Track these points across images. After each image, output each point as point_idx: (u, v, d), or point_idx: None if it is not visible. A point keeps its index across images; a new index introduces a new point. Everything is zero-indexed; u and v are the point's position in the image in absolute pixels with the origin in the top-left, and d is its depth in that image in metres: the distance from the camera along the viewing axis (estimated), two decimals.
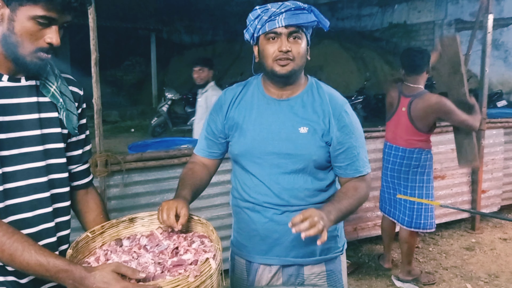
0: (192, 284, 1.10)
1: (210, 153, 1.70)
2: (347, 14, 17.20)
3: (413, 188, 3.30)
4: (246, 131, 1.59)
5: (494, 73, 12.08)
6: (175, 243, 1.37)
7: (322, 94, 1.60)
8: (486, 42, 4.20)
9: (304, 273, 1.64)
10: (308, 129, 1.54)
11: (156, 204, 3.10)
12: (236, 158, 1.64)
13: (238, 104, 1.62)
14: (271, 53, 1.50)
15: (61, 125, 1.29)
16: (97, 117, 2.81)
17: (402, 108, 3.25)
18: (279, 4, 1.47)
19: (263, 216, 1.60)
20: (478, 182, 4.44)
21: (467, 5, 13.46)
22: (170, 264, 1.24)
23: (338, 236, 1.69)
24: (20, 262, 1.08)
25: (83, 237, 1.32)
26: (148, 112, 12.86)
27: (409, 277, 3.45)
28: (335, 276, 1.67)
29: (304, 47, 1.52)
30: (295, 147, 1.53)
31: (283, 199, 1.57)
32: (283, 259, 1.63)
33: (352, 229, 3.98)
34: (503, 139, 4.66)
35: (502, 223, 4.61)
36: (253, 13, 1.52)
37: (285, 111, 1.56)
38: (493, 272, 3.61)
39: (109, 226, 1.42)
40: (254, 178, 1.60)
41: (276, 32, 1.48)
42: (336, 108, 1.57)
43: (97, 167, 2.86)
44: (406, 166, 3.27)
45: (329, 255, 1.66)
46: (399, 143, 3.30)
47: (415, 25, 14.92)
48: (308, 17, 1.48)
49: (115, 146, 8.61)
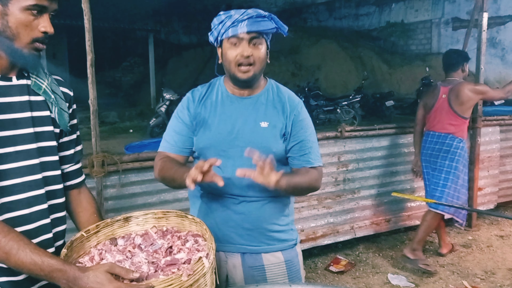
0: (185, 283, 1.10)
1: (181, 149, 1.74)
2: (345, 13, 17.22)
3: (441, 172, 3.58)
4: (211, 125, 1.69)
5: (491, 71, 12.12)
6: (169, 242, 1.38)
7: (281, 94, 1.75)
8: (481, 40, 4.22)
9: (264, 263, 1.73)
10: (268, 123, 1.67)
11: (152, 204, 3.11)
12: (201, 151, 1.73)
13: (204, 102, 1.74)
14: (233, 57, 1.61)
15: (53, 123, 1.30)
16: (93, 118, 2.82)
17: (443, 95, 3.61)
18: (242, 12, 1.58)
19: (221, 205, 1.70)
20: (475, 180, 4.45)
21: (464, 3, 13.49)
22: (164, 263, 1.25)
23: (291, 229, 1.81)
24: (15, 261, 1.09)
25: (77, 237, 1.33)
26: (147, 112, 12.87)
27: (412, 255, 3.58)
28: (292, 266, 1.77)
29: (264, 52, 1.64)
30: (257, 140, 1.65)
31: (242, 190, 1.67)
32: (238, 247, 1.72)
33: (349, 227, 4.00)
34: (499, 136, 4.68)
35: (499, 220, 4.63)
36: (218, 18, 1.63)
37: (247, 107, 1.70)
38: (489, 269, 3.63)
39: (104, 225, 1.43)
40: (217, 169, 1.66)
41: (238, 37, 1.59)
42: (293, 106, 1.72)
43: (93, 167, 2.87)
44: (437, 150, 3.59)
45: (285, 244, 1.77)
46: (436, 128, 3.62)
47: (412, 23, 14.96)
48: (268, 24, 1.59)
49: (113, 147, 8.61)
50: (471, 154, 4.44)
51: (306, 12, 18.65)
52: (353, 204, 3.99)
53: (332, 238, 3.92)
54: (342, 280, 3.52)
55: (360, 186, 3.98)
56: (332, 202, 3.89)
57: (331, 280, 3.52)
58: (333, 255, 3.90)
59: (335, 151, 3.84)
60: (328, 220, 3.89)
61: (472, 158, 4.43)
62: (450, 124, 3.57)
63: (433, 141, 3.63)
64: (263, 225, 1.70)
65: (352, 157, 3.92)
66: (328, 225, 3.90)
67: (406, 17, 15.11)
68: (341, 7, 17.38)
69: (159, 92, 11.49)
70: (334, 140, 3.82)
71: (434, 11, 14.32)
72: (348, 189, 3.94)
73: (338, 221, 3.94)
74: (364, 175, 4.01)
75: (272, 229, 1.73)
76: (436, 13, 14.28)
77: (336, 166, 3.87)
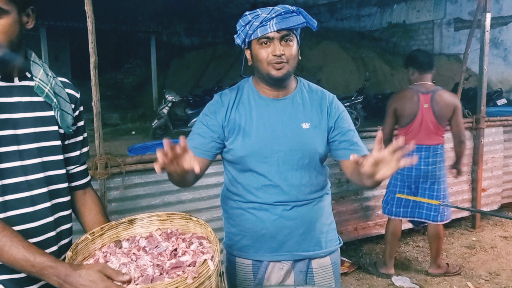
0: (191, 285, 1.10)
1: (205, 152, 1.62)
2: (346, 14, 17.21)
3: (440, 183, 3.41)
4: (249, 132, 1.60)
5: (494, 71, 12.10)
6: (173, 244, 1.38)
7: (314, 91, 1.70)
8: (484, 41, 4.21)
9: (313, 267, 1.70)
10: (310, 124, 1.62)
11: (156, 206, 3.11)
12: (240, 160, 1.63)
13: (238, 107, 1.64)
14: (265, 57, 1.55)
15: (58, 123, 1.32)
16: (96, 120, 2.82)
17: (424, 105, 3.31)
18: (269, 9, 1.52)
19: (272, 213, 1.63)
20: (478, 181, 4.44)
21: (466, 4, 13.47)
22: (169, 266, 1.24)
23: (334, 228, 1.78)
24: (8, 256, 1.10)
25: (82, 239, 1.33)
26: (149, 114, 12.89)
27: (440, 270, 3.52)
28: (337, 268, 1.76)
29: (296, 49, 1.59)
30: (301, 143, 1.60)
31: (292, 195, 1.62)
32: (294, 254, 1.67)
33: (353, 228, 3.99)
34: (503, 137, 4.67)
35: (503, 221, 4.61)
36: (244, 19, 1.56)
37: (285, 109, 1.63)
38: (494, 270, 3.62)
39: (108, 227, 1.43)
40: (261, 178, 1.62)
41: (268, 37, 1.53)
42: (330, 101, 1.68)
43: (97, 169, 2.87)
44: (433, 163, 3.36)
45: (332, 247, 1.74)
46: (424, 142, 3.34)
47: (414, 24, 14.94)
48: (297, 19, 1.54)
49: (116, 149, 8.62)
50: (474, 155, 4.44)
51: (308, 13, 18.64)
52: (357, 205, 3.98)
53: None
54: (346, 282, 3.51)
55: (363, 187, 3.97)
56: (335, 203, 3.88)
57: None
58: None
59: None
60: None
61: (476, 159, 4.42)
62: (438, 135, 3.37)
63: (423, 155, 3.35)
64: (316, 226, 1.68)
65: None
66: None
67: (408, 18, 15.09)
68: (342, 8, 17.37)
69: (161, 94, 11.50)
70: None
71: (436, 12, 14.30)
72: (352, 190, 3.93)
73: (342, 222, 3.93)
74: None
75: (322, 230, 1.71)
76: (438, 14, 14.26)
77: (339, 167, 3.85)
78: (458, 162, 3.54)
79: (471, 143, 4.43)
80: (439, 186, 3.41)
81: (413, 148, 1.23)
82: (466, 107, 9.07)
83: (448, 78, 12.42)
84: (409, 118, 3.34)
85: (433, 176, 3.38)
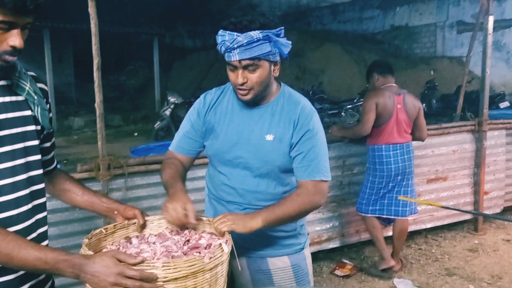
0: (207, 265, 1.14)
1: (187, 151, 1.76)
2: (349, 17, 17.22)
3: (412, 178, 3.61)
4: (219, 134, 1.68)
5: (496, 74, 12.07)
6: (186, 237, 1.41)
7: (292, 102, 1.66)
8: (487, 44, 4.20)
9: (270, 267, 1.72)
10: (274, 136, 1.62)
11: (158, 208, 3.10)
12: (210, 158, 1.78)
13: (216, 109, 1.72)
14: (233, 80, 1.59)
15: (35, 122, 1.30)
16: (99, 121, 2.83)
17: (398, 105, 3.47)
18: (232, 39, 1.48)
19: (227, 209, 1.71)
20: (480, 184, 4.43)
21: (469, 6, 13.46)
22: (187, 248, 1.31)
23: (299, 234, 1.78)
24: (19, 259, 1.10)
25: (97, 232, 1.37)
26: (151, 116, 12.91)
27: (399, 266, 3.65)
28: (301, 271, 1.76)
29: (263, 74, 1.55)
30: (261, 154, 1.63)
31: (245, 199, 1.68)
32: (244, 251, 1.70)
33: (354, 231, 3.99)
34: (505, 140, 4.66)
35: (505, 224, 4.60)
36: (217, 37, 1.55)
37: (255, 118, 1.66)
38: (496, 274, 3.61)
39: (120, 226, 1.45)
40: (223, 177, 1.72)
41: (233, 64, 1.54)
42: (303, 115, 1.63)
43: (99, 170, 2.88)
44: (408, 160, 3.53)
45: (291, 248, 1.76)
46: (398, 141, 3.49)
47: (416, 27, 14.93)
48: (262, 48, 1.49)
49: (118, 150, 8.63)
50: (476, 157, 4.43)
51: (310, 15, 18.66)
52: None
53: (337, 242, 3.91)
54: (348, 284, 3.51)
55: None
56: (337, 206, 3.88)
57: (336, 284, 3.51)
58: (338, 259, 3.88)
59: (340, 154, 3.83)
60: (333, 224, 3.88)
61: (478, 162, 4.41)
62: (407, 133, 3.52)
63: (404, 151, 3.49)
64: (268, 231, 1.69)
65: (357, 161, 3.91)
66: (333, 228, 3.89)
67: (411, 20, 15.09)
68: (345, 10, 17.38)
69: (164, 96, 11.52)
70: (339, 144, 3.81)
71: (439, 15, 14.30)
72: (353, 192, 3.93)
73: (343, 225, 3.93)
74: None
75: (278, 236, 1.72)
76: (441, 17, 14.25)
77: (341, 169, 3.86)
78: None
79: (474, 145, 4.43)
80: (412, 181, 3.61)
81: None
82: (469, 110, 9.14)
83: (451, 81, 12.40)
84: (386, 118, 3.44)
85: (409, 172, 3.55)
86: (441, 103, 11.13)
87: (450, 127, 4.33)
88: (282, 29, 1.54)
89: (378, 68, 3.58)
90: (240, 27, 1.49)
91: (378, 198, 3.55)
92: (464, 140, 4.38)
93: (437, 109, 11.16)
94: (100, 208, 1.51)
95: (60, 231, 2.85)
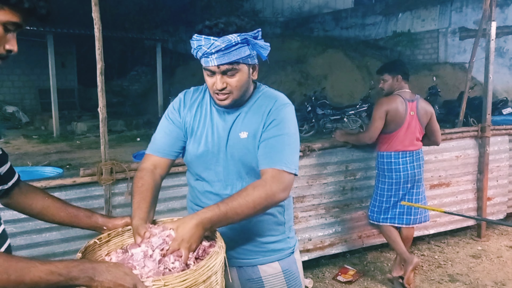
0: (199, 278, 1.14)
1: (168, 153, 1.66)
2: (351, 23, 17.28)
3: (422, 186, 3.54)
4: (200, 138, 1.63)
5: (499, 80, 12.07)
6: None
7: (267, 97, 1.62)
8: (490, 50, 4.21)
9: (261, 275, 1.68)
10: (248, 133, 1.57)
11: (160, 212, 3.12)
12: (189, 164, 1.69)
13: (196, 110, 1.66)
14: (210, 85, 1.54)
15: None
16: (102, 126, 2.84)
17: (411, 112, 3.36)
18: (209, 44, 1.43)
19: None
20: (484, 189, 4.42)
21: (471, 13, 13.48)
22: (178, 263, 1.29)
23: (288, 237, 1.73)
24: (31, 278, 1.04)
25: (91, 243, 1.35)
26: (154, 121, 12.93)
27: (401, 273, 3.51)
28: (292, 275, 1.72)
29: (242, 78, 1.52)
30: (238, 153, 1.58)
31: None
32: (234, 261, 1.67)
33: (357, 236, 3.97)
34: (508, 146, 4.64)
35: (509, 230, 4.57)
36: (192, 42, 1.50)
37: (231, 118, 1.61)
38: (499, 280, 3.59)
39: (115, 234, 1.44)
40: (205, 184, 1.66)
41: (210, 70, 1.50)
42: (275, 107, 1.57)
43: (102, 175, 2.89)
44: (418, 167, 3.46)
45: (282, 253, 1.71)
46: (409, 148, 3.41)
47: (419, 33, 14.96)
48: (241, 51, 1.45)
49: (121, 155, 8.66)
50: (479, 163, 4.42)
51: (312, 21, 18.73)
52: (361, 213, 3.97)
53: (340, 247, 3.90)
54: None
55: (367, 195, 3.95)
56: (340, 211, 3.87)
57: None
58: (341, 264, 3.87)
59: (343, 159, 3.83)
60: (336, 229, 3.87)
61: (481, 168, 4.40)
62: (419, 140, 3.45)
63: (413, 159, 3.41)
64: (257, 238, 1.66)
65: (359, 166, 3.90)
66: (336, 234, 3.87)
67: (413, 26, 15.12)
68: (347, 17, 17.44)
69: (167, 101, 11.57)
70: (342, 149, 3.80)
71: (441, 21, 14.33)
72: (356, 198, 3.92)
73: (346, 230, 3.91)
74: (371, 184, 3.98)
75: (267, 241, 1.68)
76: (443, 23, 14.28)
77: (344, 175, 3.85)
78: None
79: (477, 151, 4.42)
80: (422, 188, 3.55)
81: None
82: (471, 116, 9.13)
83: (453, 87, 12.42)
84: (397, 125, 3.35)
85: (418, 180, 3.49)
86: (443, 109, 11.13)
87: (453, 132, 4.32)
88: (259, 31, 1.50)
89: (404, 71, 3.40)
90: (217, 30, 1.43)
91: (390, 206, 3.47)
92: (467, 146, 4.37)
93: (440, 115, 11.14)
94: (86, 221, 1.46)
95: (62, 235, 2.85)
